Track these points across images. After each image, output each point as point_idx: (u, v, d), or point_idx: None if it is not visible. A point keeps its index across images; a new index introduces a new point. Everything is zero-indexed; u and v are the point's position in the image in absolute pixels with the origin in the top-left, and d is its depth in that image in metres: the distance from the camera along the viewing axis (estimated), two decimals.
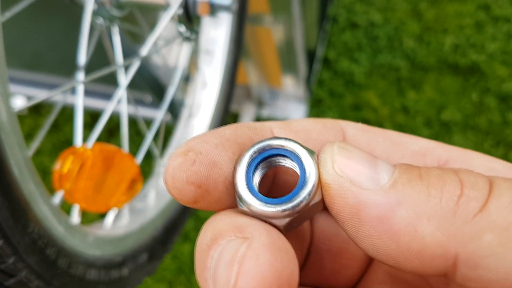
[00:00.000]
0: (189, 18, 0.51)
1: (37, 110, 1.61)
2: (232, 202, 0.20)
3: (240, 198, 0.19)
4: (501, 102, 1.41)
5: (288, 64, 1.37)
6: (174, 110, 0.77)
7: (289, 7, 1.09)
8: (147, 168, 0.82)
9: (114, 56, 0.54)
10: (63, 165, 0.42)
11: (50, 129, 1.58)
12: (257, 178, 0.20)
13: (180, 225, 0.63)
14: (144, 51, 0.47)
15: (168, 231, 0.60)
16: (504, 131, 1.37)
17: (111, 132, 1.51)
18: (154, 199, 0.62)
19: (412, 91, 1.51)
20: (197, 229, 1.30)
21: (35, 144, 0.41)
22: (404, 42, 1.56)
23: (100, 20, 0.52)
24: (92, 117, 1.56)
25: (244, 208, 0.19)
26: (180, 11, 0.48)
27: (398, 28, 1.57)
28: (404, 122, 1.48)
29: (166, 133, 1.52)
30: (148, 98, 0.94)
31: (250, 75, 1.37)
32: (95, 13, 0.51)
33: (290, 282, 0.17)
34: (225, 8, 0.50)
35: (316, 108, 1.55)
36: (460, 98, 1.46)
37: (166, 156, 0.65)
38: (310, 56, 1.48)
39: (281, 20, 1.19)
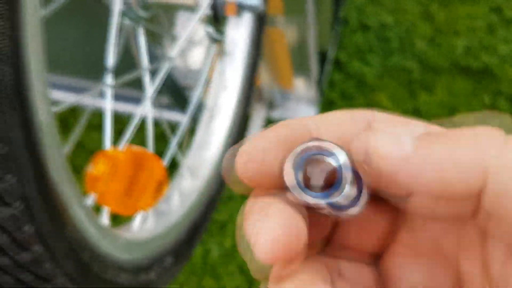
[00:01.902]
0: (217, 18, 0.50)
1: None
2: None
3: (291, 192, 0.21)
4: None
5: (300, 66, 1.37)
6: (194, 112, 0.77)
7: (303, 8, 1.09)
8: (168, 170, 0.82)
9: (140, 58, 0.53)
10: (96, 168, 0.41)
11: (63, 132, 1.58)
12: (301, 175, 0.22)
13: (203, 227, 0.63)
14: (174, 52, 0.47)
15: (191, 233, 0.60)
16: None
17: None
18: (178, 201, 0.61)
19: (423, 93, 1.50)
20: (208, 232, 1.30)
21: (68, 146, 0.41)
22: (415, 44, 1.55)
23: (126, 21, 0.52)
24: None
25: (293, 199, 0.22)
26: (209, 12, 0.47)
27: (410, 30, 1.57)
28: None
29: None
30: (164, 99, 0.94)
31: (261, 76, 1.37)
32: (121, 14, 0.51)
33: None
34: (253, 8, 0.50)
35: (328, 110, 1.54)
36: (472, 100, 1.45)
37: (188, 158, 0.65)
38: (322, 57, 1.48)
39: (295, 21, 1.19)
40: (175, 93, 0.84)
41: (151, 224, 0.54)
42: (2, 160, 0.28)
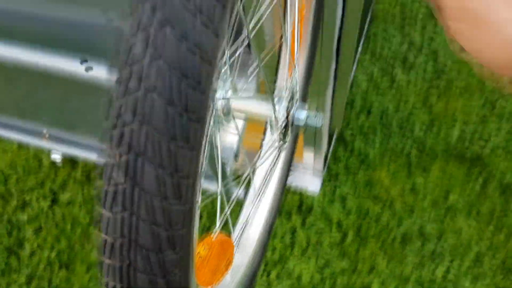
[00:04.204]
0: (286, 130, 0.63)
1: (73, 162, 1.71)
2: None
3: None
4: (502, 191, 1.55)
5: (310, 141, 1.50)
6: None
7: (322, 97, 1.23)
8: None
9: (218, 156, 0.65)
10: (198, 251, 0.52)
11: (83, 182, 1.68)
12: None
13: None
14: (258, 162, 0.59)
15: None
16: (504, 219, 1.51)
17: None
18: (229, 275, 0.72)
19: (420, 174, 1.64)
20: None
21: None
22: (414, 129, 1.70)
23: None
24: None
25: None
26: (284, 127, 0.60)
27: (409, 117, 1.73)
28: (412, 202, 1.60)
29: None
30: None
31: None
32: None
33: None
34: (317, 127, 0.63)
35: (332, 181, 1.67)
36: (465, 184, 1.59)
37: (235, 234, 0.75)
38: (330, 135, 1.62)
39: (312, 108, 1.33)
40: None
41: None
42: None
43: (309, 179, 1.69)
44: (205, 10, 0.29)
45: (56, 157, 1.66)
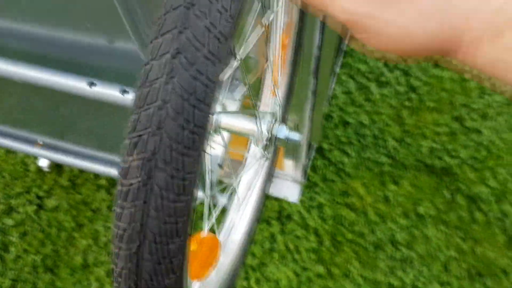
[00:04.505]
0: (269, 144, 0.70)
1: (60, 169, 1.75)
2: None
3: None
4: (470, 202, 1.65)
5: (290, 152, 1.58)
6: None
7: (302, 112, 1.32)
8: None
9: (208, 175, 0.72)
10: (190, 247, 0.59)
11: (68, 188, 1.73)
12: None
13: None
14: (240, 175, 0.66)
15: None
16: (472, 227, 1.60)
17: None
18: (215, 270, 0.79)
19: (392, 184, 1.73)
20: None
21: None
22: (387, 141, 1.80)
23: None
24: (108, 180, 1.72)
25: None
26: (266, 142, 0.68)
27: (383, 129, 1.82)
28: (385, 210, 1.69)
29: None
30: None
31: None
32: None
33: None
34: (297, 142, 0.70)
35: (310, 189, 1.74)
36: (435, 195, 1.69)
37: (221, 237, 0.82)
38: (309, 145, 1.70)
39: (292, 120, 1.41)
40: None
41: None
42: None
43: (289, 188, 1.76)
44: (207, 45, 0.37)
45: (43, 163, 1.70)
